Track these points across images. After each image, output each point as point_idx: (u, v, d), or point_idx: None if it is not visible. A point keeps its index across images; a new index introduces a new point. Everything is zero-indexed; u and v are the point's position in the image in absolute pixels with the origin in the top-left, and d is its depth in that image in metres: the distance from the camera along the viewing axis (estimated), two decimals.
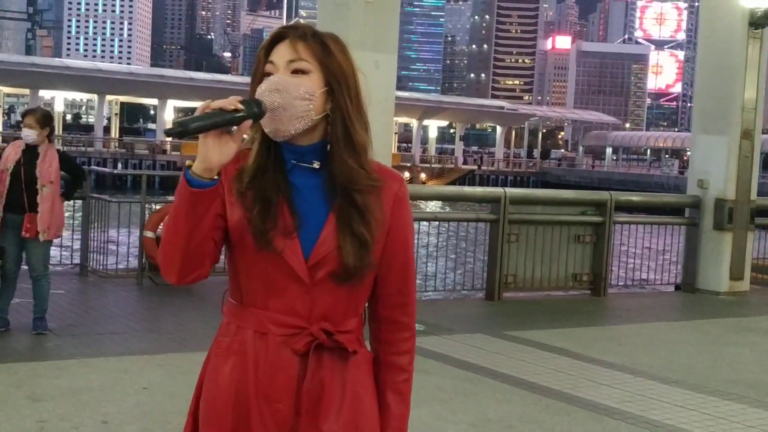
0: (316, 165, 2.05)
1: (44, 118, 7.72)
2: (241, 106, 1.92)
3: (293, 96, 1.99)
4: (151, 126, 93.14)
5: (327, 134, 2.06)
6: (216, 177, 1.94)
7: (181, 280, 2.05)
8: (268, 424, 2.03)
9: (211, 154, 1.91)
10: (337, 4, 9.25)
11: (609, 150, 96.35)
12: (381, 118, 9.23)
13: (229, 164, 1.98)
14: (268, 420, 2.03)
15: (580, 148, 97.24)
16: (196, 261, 2.02)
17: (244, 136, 1.98)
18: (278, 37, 2.06)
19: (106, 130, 73.98)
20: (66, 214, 8.98)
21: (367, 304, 2.18)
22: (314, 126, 2.04)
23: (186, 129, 1.88)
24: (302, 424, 2.04)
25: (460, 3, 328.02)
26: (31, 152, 7.57)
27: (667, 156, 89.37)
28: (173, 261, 2.01)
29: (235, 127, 1.93)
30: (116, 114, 77.75)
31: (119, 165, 59.42)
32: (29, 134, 7.54)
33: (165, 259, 2.03)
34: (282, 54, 2.03)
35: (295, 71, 2.02)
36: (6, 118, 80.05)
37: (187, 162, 1.95)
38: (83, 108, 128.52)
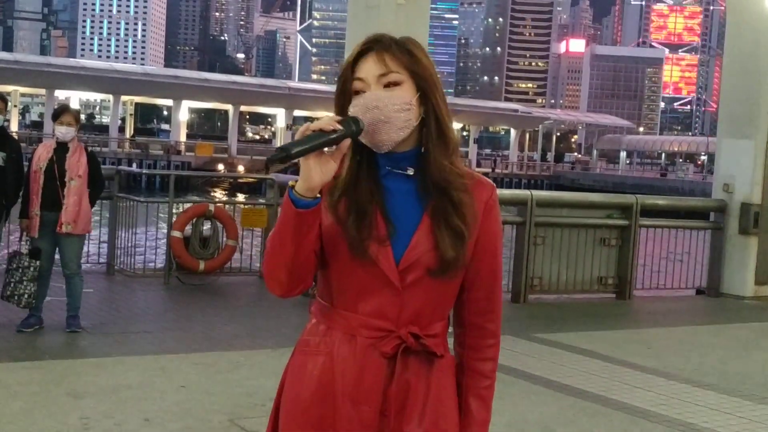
0: (410, 171, 2.08)
1: (78, 114, 8.04)
2: (339, 126, 1.95)
3: (393, 109, 2.01)
4: (164, 126, 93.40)
5: (420, 139, 2.09)
6: (318, 195, 1.97)
7: (287, 294, 2.10)
8: (354, 424, 2.06)
9: (313, 174, 1.94)
10: (367, 7, 9.28)
11: (623, 154, 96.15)
12: None
13: None
14: (353, 421, 2.05)
15: (594, 152, 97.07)
16: (301, 275, 2.06)
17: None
18: (362, 52, 2.08)
19: (121, 130, 74.24)
20: (95, 217, 9.06)
21: (452, 310, 2.20)
22: (412, 132, 2.06)
23: (288, 154, 1.90)
24: (387, 426, 2.06)
25: (474, 5, 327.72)
26: (62, 150, 7.65)
27: (681, 160, 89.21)
28: (279, 277, 2.06)
29: (334, 146, 1.96)
30: (131, 114, 78.05)
31: (134, 165, 59.59)
32: (69, 131, 7.64)
33: (271, 274, 2.07)
34: (371, 69, 2.05)
35: (388, 84, 2.04)
36: (20, 117, 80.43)
37: (290, 182, 1.97)
38: (97, 108, 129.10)
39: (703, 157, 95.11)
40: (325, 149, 1.94)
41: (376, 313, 2.06)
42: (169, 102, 73.75)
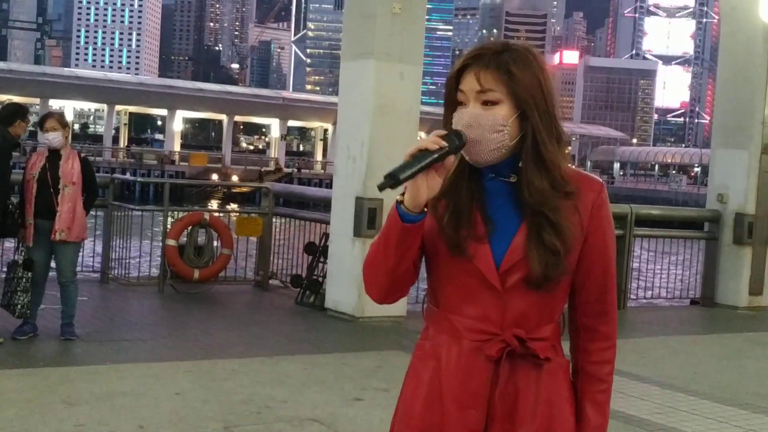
0: (512, 179, 2.06)
1: (63, 118, 7.94)
2: (444, 143, 1.95)
3: (486, 130, 1.99)
4: (158, 136, 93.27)
5: (521, 150, 2.06)
6: (425, 210, 1.99)
7: (383, 300, 2.14)
8: (461, 428, 2.05)
9: (421, 191, 1.95)
10: (363, 16, 9.29)
11: (617, 165, 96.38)
12: (405, 129, 9.27)
13: None
14: (461, 425, 2.05)
15: (588, 163, 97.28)
16: (399, 285, 2.10)
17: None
18: (465, 66, 2.06)
19: (115, 140, 74.19)
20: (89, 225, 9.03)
21: (566, 312, 2.17)
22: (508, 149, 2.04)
23: (398, 180, 1.91)
24: (496, 430, 2.05)
25: (468, 17, 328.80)
26: (54, 157, 7.63)
27: (674, 172, 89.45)
28: (379, 284, 2.10)
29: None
30: (125, 124, 78.00)
31: (127, 174, 59.45)
32: (56, 136, 7.60)
33: (371, 282, 2.11)
34: (470, 84, 2.03)
35: (485, 102, 2.02)
36: None
37: (398, 197, 1.99)
38: (91, 118, 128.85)
39: (696, 169, 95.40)
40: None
41: (480, 316, 2.05)
42: (163, 112, 73.78)
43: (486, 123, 2.00)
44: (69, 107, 69.25)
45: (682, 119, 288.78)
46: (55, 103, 66.33)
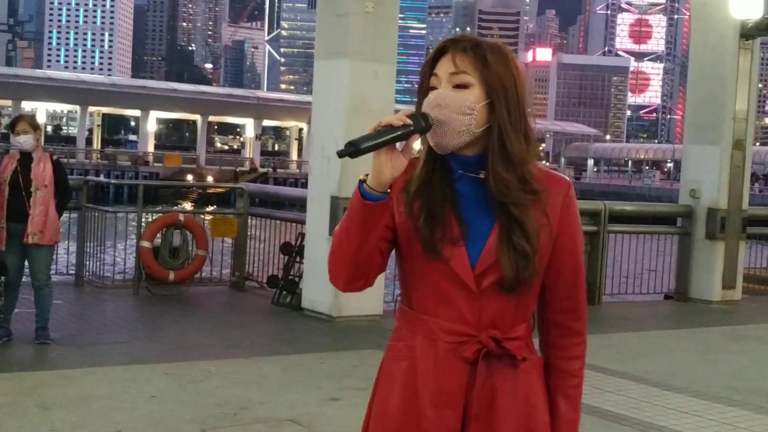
0: (481, 175, 2.06)
1: (34, 121, 7.91)
2: (409, 121, 1.96)
3: (453, 111, 2.00)
4: (132, 137, 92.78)
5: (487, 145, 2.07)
6: (388, 190, 1.99)
7: (347, 288, 2.13)
8: (437, 429, 2.06)
9: (384, 169, 1.96)
10: (336, 15, 9.28)
11: (590, 162, 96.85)
12: None
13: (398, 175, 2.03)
14: (437, 425, 2.05)
15: (562, 160, 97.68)
16: (363, 271, 2.09)
17: (415, 147, 2.03)
18: (441, 51, 2.08)
19: (88, 141, 73.71)
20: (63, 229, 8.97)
21: (536, 309, 2.18)
22: (479, 137, 2.05)
23: (358, 149, 1.92)
24: (474, 430, 2.06)
25: (441, 15, 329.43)
26: (26, 160, 7.58)
27: (647, 167, 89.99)
28: (342, 269, 2.09)
29: (404, 142, 1.98)
30: (98, 125, 77.50)
31: (101, 176, 59.06)
32: (27, 139, 7.55)
33: (334, 267, 2.11)
34: (445, 67, 2.05)
35: (457, 85, 2.03)
36: None
37: (361, 176, 2.00)
38: (64, 119, 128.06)
39: (669, 164, 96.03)
40: (397, 145, 1.96)
41: (456, 318, 2.05)
42: (136, 112, 73.36)
43: (454, 103, 2.01)
44: (42, 109, 68.70)
45: (654, 116, 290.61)
46: (27, 105, 65.82)
